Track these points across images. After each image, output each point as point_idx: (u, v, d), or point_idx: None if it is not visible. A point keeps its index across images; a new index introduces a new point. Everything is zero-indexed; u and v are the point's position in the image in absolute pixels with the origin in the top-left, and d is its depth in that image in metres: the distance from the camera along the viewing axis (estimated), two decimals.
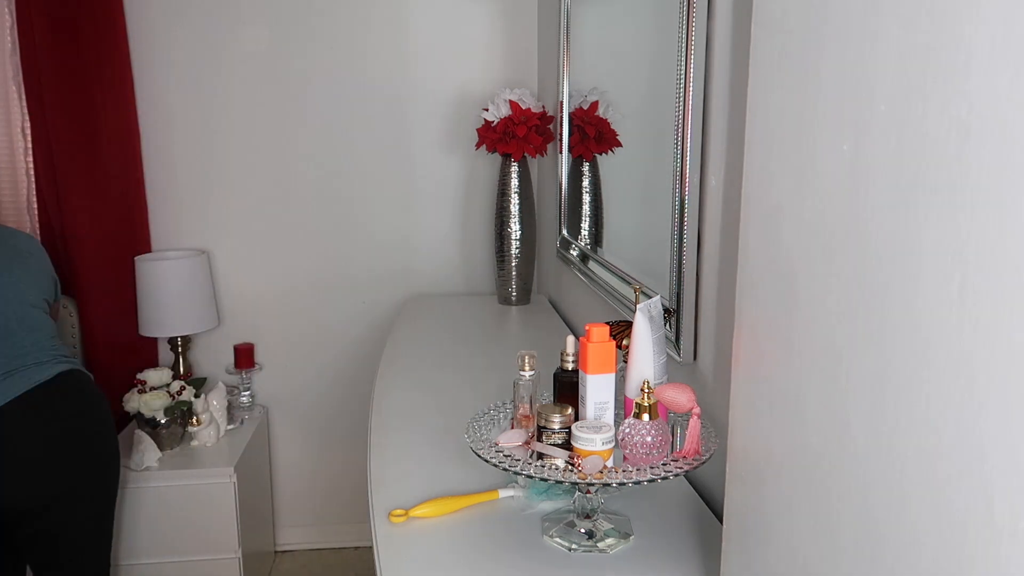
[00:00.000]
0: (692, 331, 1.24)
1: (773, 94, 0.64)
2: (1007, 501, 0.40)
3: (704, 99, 1.18)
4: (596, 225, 1.97)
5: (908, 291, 0.47)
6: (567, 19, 2.04)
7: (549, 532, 1.04)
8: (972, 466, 0.42)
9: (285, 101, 2.57)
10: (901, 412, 0.48)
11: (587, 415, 1.03)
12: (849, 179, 0.53)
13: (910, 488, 0.47)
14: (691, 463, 0.95)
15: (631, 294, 1.45)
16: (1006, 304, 0.39)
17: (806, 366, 0.59)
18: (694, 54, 1.17)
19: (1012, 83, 0.39)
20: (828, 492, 0.57)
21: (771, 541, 0.66)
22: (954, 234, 0.43)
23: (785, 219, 0.62)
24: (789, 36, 0.61)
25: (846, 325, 0.54)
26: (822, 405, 0.57)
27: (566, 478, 0.93)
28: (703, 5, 1.15)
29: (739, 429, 0.72)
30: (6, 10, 2.43)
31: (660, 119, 1.34)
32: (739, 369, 0.72)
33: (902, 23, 0.47)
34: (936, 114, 0.44)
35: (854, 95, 0.52)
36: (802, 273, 0.59)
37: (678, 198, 1.23)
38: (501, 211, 2.31)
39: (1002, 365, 0.40)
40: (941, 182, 0.44)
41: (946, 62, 0.43)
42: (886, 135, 0.49)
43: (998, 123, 0.40)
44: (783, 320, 0.63)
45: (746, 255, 0.69)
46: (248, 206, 2.64)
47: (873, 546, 0.51)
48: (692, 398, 0.97)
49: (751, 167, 0.68)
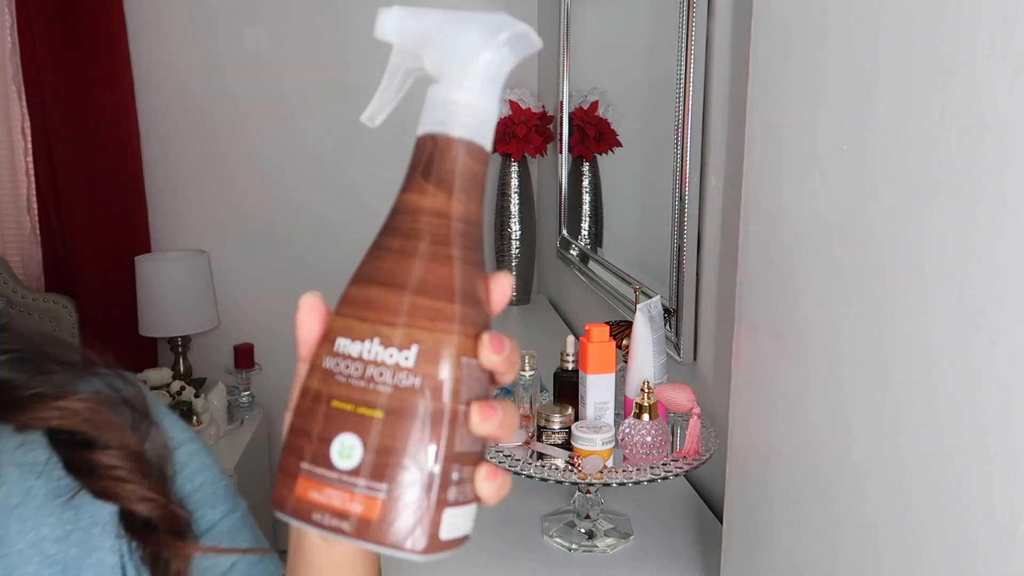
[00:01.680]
0: (692, 331, 1.24)
1: (773, 94, 0.64)
2: (1007, 501, 0.40)
3: (704, 99, 1.18)
4: (596, 225, 1.97)
5: (908, 291, 0.47)
6: (567, 19, 2.04)
7: (549, 532, 1.04)
8: (972, 466, 0.42)
9: (285, 101, 2.57)
10: (901, 412, 0.48)
11: (587, 415, 1.03)
12: (849, 179, 0.53)
13: (910, 488, 0.47)
14: (691, 463, 0.95)
15: (631, 294, 1.45)
16: (1006, 304, 0.39)
17: (806, 366, 0.59)
18: (694, 54, 1.17)
19: (1012, 83, 0.39)
20: (828, 492, 0.57)
21: (771, 541, 0.66)
22: (954, 234, 0.43)
23: (785, 219, 0.62)
24: (789, 36, 0.61)
25: (846, 325, 0.54)
26: (822, 405, 0.57)
27: (566, 478, 0.93)
28: (703, 5, 1.15)
29: (739, 429, 0.72)
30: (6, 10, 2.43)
31: (660, 119, 1.34)
32: (739, 369, 0.72)
33: (902, 23, 0.47)
34: (936, 114, 0.44)
35: (854, 95, 0.52)
36: (802, 273, 0.59)
37: (678, 198, 1.23)
38: (501, 211, 2.31)
39: (1002, 365, 0.40)
40: (941, 182, 0.44)
41: (946, 62, 0.43)
42: (886, 135, 0.49)
43: (998, 123, 0.40)
44: (783, 320, 0.63)
45: (746, 255, 0.69)
46: (248, 206, 2.63)
47: (873, 546, 0.51)
48: (692, 398, 0.97)
49: (751, 167, 0.68)
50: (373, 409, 0.36)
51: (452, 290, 0.37)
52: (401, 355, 0.36)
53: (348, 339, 0.37)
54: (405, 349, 0.36)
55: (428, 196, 0.37)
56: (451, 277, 0.37)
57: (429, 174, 0.38)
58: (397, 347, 0.36)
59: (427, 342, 0.36)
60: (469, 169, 0.38)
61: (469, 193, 0.38)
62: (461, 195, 0.38)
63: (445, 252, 0.37)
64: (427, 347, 0.36)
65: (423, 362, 0.36)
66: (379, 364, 0.36)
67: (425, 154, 0.38)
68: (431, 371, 0.36)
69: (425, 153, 0.38)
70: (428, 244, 0.37)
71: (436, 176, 0.38)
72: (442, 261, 0.37)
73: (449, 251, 0.37)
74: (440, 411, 0.36)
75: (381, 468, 0.36)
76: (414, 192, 0.38)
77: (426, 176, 0.38)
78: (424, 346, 0.36)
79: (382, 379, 0.36)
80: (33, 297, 2.53)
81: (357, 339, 0.37)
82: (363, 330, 0.37)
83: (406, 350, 0.36)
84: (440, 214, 0.37)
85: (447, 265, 0.37)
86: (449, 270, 0.37)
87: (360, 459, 0.36)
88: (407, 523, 0.36)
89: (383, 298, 0.37)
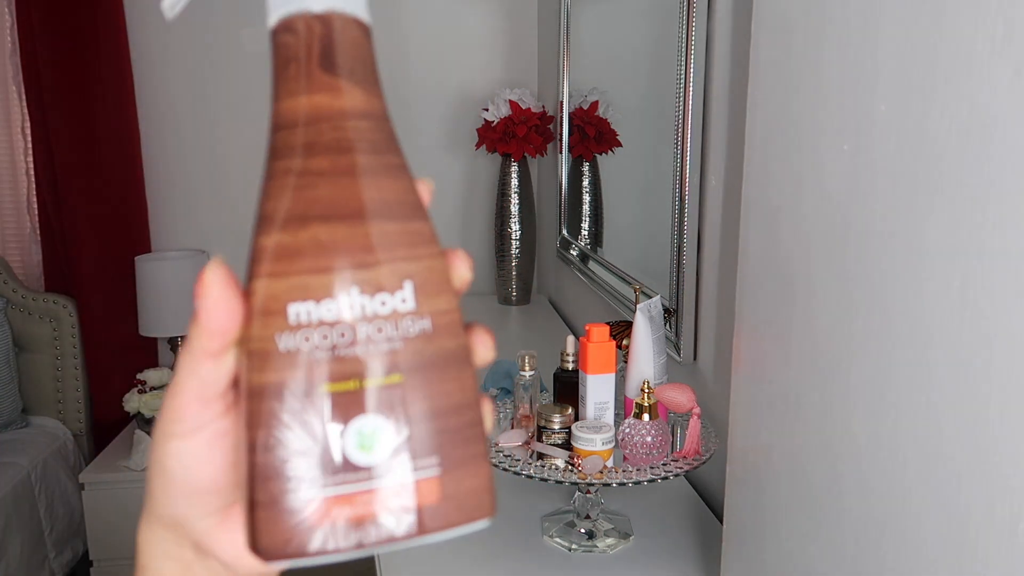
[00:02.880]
0: (692, 331, 1.24)
1: (773, 94, 0.64)
2: (1007, 501, 0.40)
3: (704, 99, 1.18)
4: (596, 225, 1.97)
5: (908, 291, 0.47)
6: (567, 19, 2.04)
7: (549, 532, 1.04)
8: (973, 466, 0.42)
9: None
10: (901, 412, 0.48)
11: (587, 415, 1.03)
12: (849, 179, 0.53)
13: (911, 488, 0.47)
14: (691, 463, 0.95)
15: (631, 294, 1.45)
16: (1006, 304, 0.39)
17: (806, 366, 0.59)
18: (694, 54, 1.17)
19: (1012, 83, 0.39)
20: (828, 492, 0.56)
21: (771, 541, 0.66)
22: (954, 234, 0.43)
23: (785, 219, 0.62)
24: (789, 36, 0.61)
25: (846, 325, 0.54)
26: (822, 405, 0.57)
27: (566, 478, 0.93)
28: (703, 5, 1.15)
29: (739, 429, 0.72)
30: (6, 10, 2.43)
31: (660, 119, 1.34)
32: (739, 369, 0.72)
33: (902, 23, 0.47)
34: (936, 114, 0.44)
35: (854, 95, 0.52)
36: (802, 273, 0.59)
37: (678, 198, 1.23)
38: (501, 211, 2.31)
39: (1003, 365, 0.40)
40: (941, 182, 0.44)
41: (946, 62, 0.43)
42: (886, 135, 0.49)
43: (998, 123, 0.40)
44: (783, 320, 0.63)
45: (746, 255, 0.69)
46: (248, 206, 2.63)
47: (873, 547, 0.51)
48: (692, 398, 0.97)
49: (751, 167, 0.68)
50: (388, 375, 0.29)
51: (416, 204, 0.31)
52: (396, 298, 0.29)
53: (308, 302, 0.29)
54: (398, 290, 0.29)
55: (345, 95, 0.30)
56: (410, 189, 0.31)
57: (335, 66, 0.30)
58: (388, 291, 0.29)
59: (420, 274, 0.30)
60: (370, 53, 0.31)
61: (377, 83, 0.31)
62: (375, 87, 0.31)
63: (391, 161, 0.30)
64: (421, 279, 0.30)
65: (423, 298, 0.30)
66: (372, 319, 0.29)
67: (316, 41, 0.30)
68: (436, 306, 0.30)
69: (315, 40, 0.30)
70: (369, 155, 0.30)
71: (346, 68, 0.30)
72: (393, 173, 0.30)
73: (394, 159, 0.31)
74: (460, 348, 0.31)
75: (425, 440, 0.29)
76: (321, 93, 0.29)
77: (330, 69, 0.30)
78: (418, 279, 0.30)
79: (383, 335, 0.29)
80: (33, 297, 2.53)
81: (323, 298, 0.29)
82: (326, 284, 0.29)
83: (399, 291, 0.29)
84: (367, 115, 0.30)
85: (400, 176, 0.30)
86: (405, 181, 0.31)
87: (393, 442, 0.29)
88: (472, 488, 0.30)
89: (339, 236, 0.29)
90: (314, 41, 0.30)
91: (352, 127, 0.30)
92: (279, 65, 0.30)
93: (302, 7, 0.29)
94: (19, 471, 2.24)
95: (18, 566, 2.16)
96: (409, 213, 0.30)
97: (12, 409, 2.47)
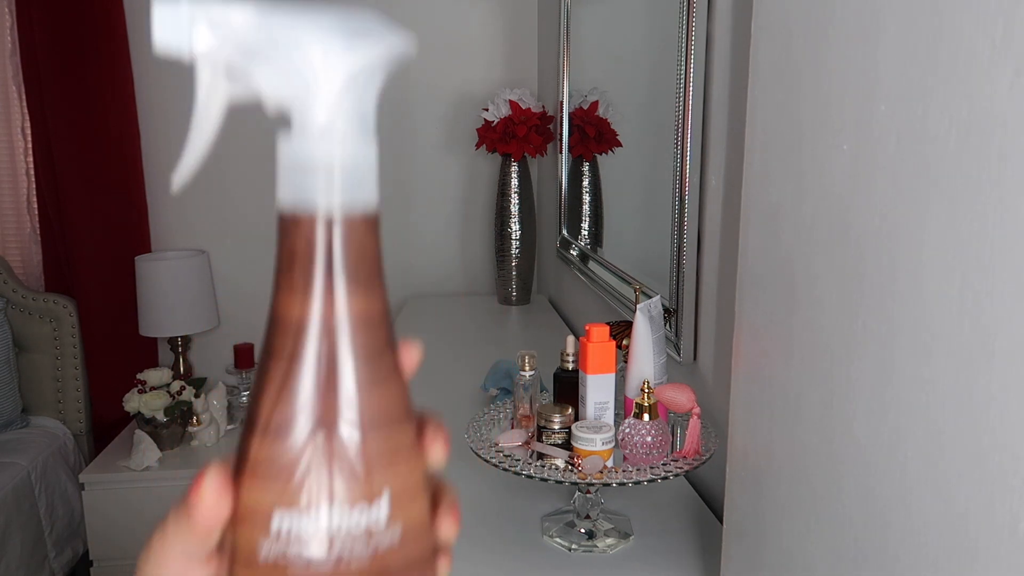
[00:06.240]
0: (692, 331, 1.24)
1: (773, 94, 0.64)
2: (1007, 501, 0.40)
3: (704, 99, 1.18)
4: (596, 225, 1.97)
5: (909, 291, 0.47)
6: (567, 19, 2.04)
7: (549, 532, 1.04)
8: (974, 466, 0.42)
9: None
10: (902, 412, 0.48)
11: (587, 415, 1.03)
12: (849, 179, 0.53)
13: (911, 488, 0.47)
14: (691, 463, 0.95)
15: (631, 294, 1.45)
16: (1007, 303, 0.39)
17: (806, 366, 0.59)
18: (694, 54, 1.17)
19: (1012, 83, 0.39)
20: (829, 492, 0.57)
21: (771, 541, 0.66)
22: (954, 234, 0.43)
23: (785, 219, 0.62)
24: (789, 36, 0.61)
25: (846, 325, 0.54)
26: (822, 405, 0.57)
27: (566, 478, 0.93)
28: (703, 5, 1.15)
29: (739, 429, 0.72)
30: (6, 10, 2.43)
31: (660, 119, 1.34)
32: (739, 369, 0.72)
33: (903, 23, 0.47)
34: (936, 114, 0.44)
35: (854, 95, 0.52)
36: (802, 273, 0.59)
37: (678, 198, 1.23)
38: (501, 211, 2.31)
39: (1003, 364, 0.40)
40: (941, 182, 0.44)
41: (946, 62, 0.43)
42: (886, 135, 0.49)
43: (998, 123, 0.40)
44: (783, 320, 0.63)
45: (746, 255, 0.69)
46: (248, 206, 2.63)
47: (874, 547, 0.51)
48: (692, 398, 0.97)
49: (751, 167, 0.68)
50: None
51: (401, 409, 0.31)
52: (372, 512, 0.29)
53: (291, 511, 0.29)
54: (377, 499, 0.29)
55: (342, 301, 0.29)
56: (398, 394, 0.31)
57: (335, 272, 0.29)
58: (367, 501, 0.29)
59: (397, 479, 0.30)
60: (375, 248, 0.30)
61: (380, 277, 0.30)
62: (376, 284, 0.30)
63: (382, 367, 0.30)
64: (398, 487, 0.30)
65: (398, 508, 0.30)
66: (350, 535, 0.29)
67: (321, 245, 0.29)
68: (409, 513, 0.30)
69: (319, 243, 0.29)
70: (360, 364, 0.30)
71: (348, 271, 0.29)
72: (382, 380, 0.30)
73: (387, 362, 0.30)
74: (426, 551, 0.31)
75: None
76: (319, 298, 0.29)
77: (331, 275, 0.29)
78: (396, 486, 0.30)
79: (357, 553, 0.29)
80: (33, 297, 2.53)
81: (306, 508, 0.29)
82: (307, 495, 0.29)
83: (378, 499, 0.29)
84: (364, 320, 0.30)
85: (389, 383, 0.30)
86: (394, 387, 0.31)
87: None
88: None
89: (321, 447, 0.29)
90: (317, 244, 0.29)
91: (347, 334, 0.29)
92: (282, 255, 0.29)
93: (308, 206, 0.29)
94: (19, 471, 2.24)
95: (18, 566, 2.16)
96: (393, 419, 0.30)
97: (12, 409, 2.47)
